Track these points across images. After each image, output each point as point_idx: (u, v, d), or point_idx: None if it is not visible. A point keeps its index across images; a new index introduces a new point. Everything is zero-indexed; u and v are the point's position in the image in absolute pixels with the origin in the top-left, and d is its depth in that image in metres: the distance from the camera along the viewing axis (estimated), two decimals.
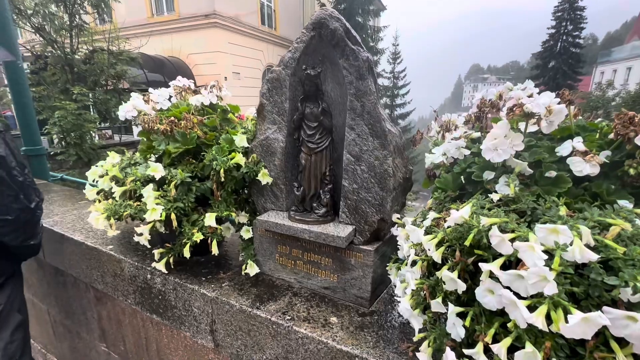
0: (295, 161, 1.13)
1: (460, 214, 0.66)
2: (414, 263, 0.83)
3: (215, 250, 1.14)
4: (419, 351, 0.78)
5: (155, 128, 1.17)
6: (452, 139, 0.99)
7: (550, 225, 0.57)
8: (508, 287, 0.58)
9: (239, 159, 1.10)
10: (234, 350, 1.13)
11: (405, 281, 0.86)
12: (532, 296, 0.56)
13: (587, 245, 0.56)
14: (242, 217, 1.27)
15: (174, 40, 13.31)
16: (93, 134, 7.98)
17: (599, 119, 0.90)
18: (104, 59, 8.02)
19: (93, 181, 1.35)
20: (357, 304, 1.07)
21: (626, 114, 0.67)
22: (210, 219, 1.12)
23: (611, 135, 0.71)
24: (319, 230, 1.01)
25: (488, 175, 0.83)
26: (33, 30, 7.23)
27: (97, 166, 1.28)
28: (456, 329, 0.67)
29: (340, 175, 1.05)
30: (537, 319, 0.51)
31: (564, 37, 26.82)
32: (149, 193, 1.08)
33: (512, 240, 0.60)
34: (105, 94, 8.16)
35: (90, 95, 7.89)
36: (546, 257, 0.54)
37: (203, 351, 1.27)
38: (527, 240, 0.57)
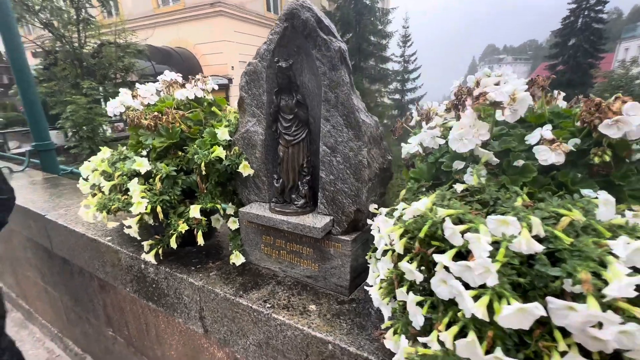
0: (275, 153, 1.14)
1: (417, 206, 0.66)
2: (385, 253, 0.84)
3: (200, 240, 1.18)
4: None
5: (141, 123, 1.20)
6: (428, 129, 0.98)
7: (500, 217, 0.56)
8: (459, 278, 0.59)
9: (220, 152, 1.12)
10: (221, 336, 1.18)
11: (377, 270, 0.87)
12: (481, 286, 0.56)
13: (537, 237, 0.55)
14: (230, 209, 1.30)
15: (181, 30, 13.30)
16: (105, 127, 8.18)
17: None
18: (111, 52, 8.12)
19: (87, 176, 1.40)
20: (337, 292, 1.10)
21: (593, 100, 0.65)
22: (194, 211, 1.15)
23: (579, 123, 0.69)
24: (297, 222, 1.03)
25: (458, 165, 0.82)
26: (42, 26, 7.36)
27: (89, 161, 1.33)
28: (416, 318, 0.69)
29: (318, 166, 1.06)
30: (478, 309, 0.52)
31: (586, 12, 25.31)
32: (134, 187, 1.12)
33: (467, 231, 0.60)
34: (115, 87, 8.31)
35: (101, 88, 8.04)
36: (491, 248, 0.54)
37: (195, 336, 1.33)
38: (477, 231, 0.58)
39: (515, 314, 0.49)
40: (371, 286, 0.85)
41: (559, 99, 0.95)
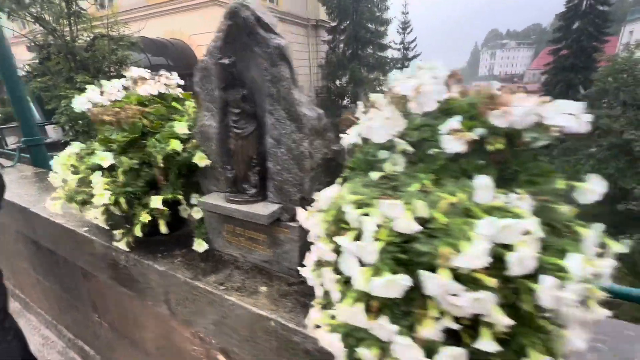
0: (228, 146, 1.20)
1: (326, 192, 0.72)
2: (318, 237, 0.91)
3: (163, 229, 1.26)
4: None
5: (103, 119, 1.26)
6: (366, 119, 1.03)
7: (389, 201, 0.63)
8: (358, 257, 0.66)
9: (176, 145, 1.18)
10: (185, 317, 1.27)
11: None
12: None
13: (420, 217, 0.62)
14: (195, 199, 1.38)
15: (175, 21, 13.18)
16: None
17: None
18: (104, 46, 8.12)
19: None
20: (288, 275, 1.17)
21: (487, 91, 0.70)
22: (155, 202, 1.22)
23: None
24: (247, 210, 1.10)
25: (382, 154, 0.88)
26: (32, 20, 7.35)
27: (58, 156, 1.40)
28: (334, 294, 0.76)
29: (267, 158, 1.12)
30: (360, 282, 0.59)
31: None
32: (96, 179, 1.19)
33: (366, 214, 0.67)
34: (109, 81, 8.31)
35: (95, 82, 8.06)
36: (376, 229, 0.61)
37: (165, 318, 1.42)
38: (367, 215, 0.64)
39: (386, 285, 0.56)
40: (304, 266, 0.92)
41: (492, 90, 1.00)
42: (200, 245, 1.32)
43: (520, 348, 0.61)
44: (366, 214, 0.65)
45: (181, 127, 1.23)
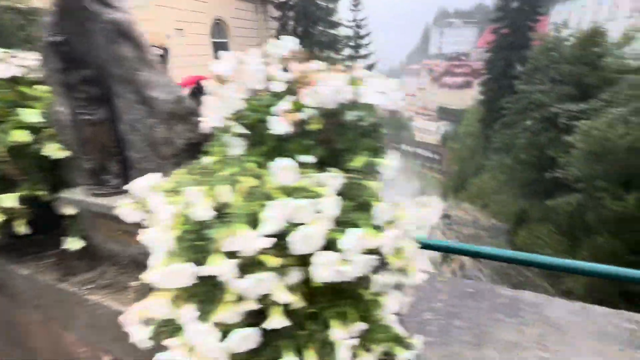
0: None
1: (139, 182, 0.68)
2: None
3: (22, 229, 1.14)
4: None
5: None
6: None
7: (189, 189, 0.61)
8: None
9: (20, 135, 1.06)
10: (61, 322, 1.19)
11: None
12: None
13: (221, 203, 0.61)
14: (67, 194, 1.26)
15: None
16: None
17: None
18: (9, 20, 7.02)
19: None
20: None
21: (301, 71, 0.70)
22: (8, 200, 1.09)
23: None
24: (104, 203, 1.03)
25: (224, 137, 0.85)
26: None
27: None
28: None
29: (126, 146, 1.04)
30: (153, 274, 0.57)
31: None
32: None
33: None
34: None
35: None
36: (167, 218, 0.58)
37: (44, 325, 1.32)
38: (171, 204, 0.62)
39: (171, 274, 0.54)
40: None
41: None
42: (73, 243, 1.21)
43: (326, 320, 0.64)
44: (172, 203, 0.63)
45: (31, 115, 1.10)
